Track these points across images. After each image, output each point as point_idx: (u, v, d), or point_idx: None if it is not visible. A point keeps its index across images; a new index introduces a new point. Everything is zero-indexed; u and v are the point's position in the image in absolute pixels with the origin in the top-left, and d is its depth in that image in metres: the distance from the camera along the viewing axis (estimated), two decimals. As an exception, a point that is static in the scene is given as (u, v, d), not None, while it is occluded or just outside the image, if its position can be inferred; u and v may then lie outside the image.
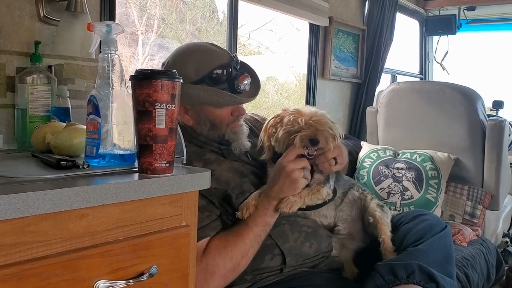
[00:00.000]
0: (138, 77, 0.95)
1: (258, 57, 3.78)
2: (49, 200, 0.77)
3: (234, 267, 1.25)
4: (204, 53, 1.36)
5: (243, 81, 1.35)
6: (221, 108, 1.37)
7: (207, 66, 1.33)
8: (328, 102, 3.22)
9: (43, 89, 1.43)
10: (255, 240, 1.27)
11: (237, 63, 1.37)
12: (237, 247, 1.25)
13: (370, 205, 1.46)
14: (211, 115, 1.38)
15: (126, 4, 2.92)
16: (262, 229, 1.29)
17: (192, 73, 1.32)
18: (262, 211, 1.29)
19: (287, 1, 2.63)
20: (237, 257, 1.25)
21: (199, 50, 1.38)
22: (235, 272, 1.26)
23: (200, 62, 1.34)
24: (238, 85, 1.35)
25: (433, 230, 1.42)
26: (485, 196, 2.37)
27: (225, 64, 1.34)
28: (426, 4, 4.20)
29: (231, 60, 1.36)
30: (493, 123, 2.35)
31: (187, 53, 1.38)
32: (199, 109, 1.37)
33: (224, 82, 1.34)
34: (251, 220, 1.28)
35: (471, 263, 1.91)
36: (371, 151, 2.51)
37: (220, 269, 1.23)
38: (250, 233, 1.27)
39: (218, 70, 1.33)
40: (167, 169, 0.97)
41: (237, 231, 1.27)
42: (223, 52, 1.38)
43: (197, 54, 1.36)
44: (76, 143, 1.11)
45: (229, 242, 1.25)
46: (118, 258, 0.89)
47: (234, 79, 1.34)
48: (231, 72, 1.34)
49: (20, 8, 1.45)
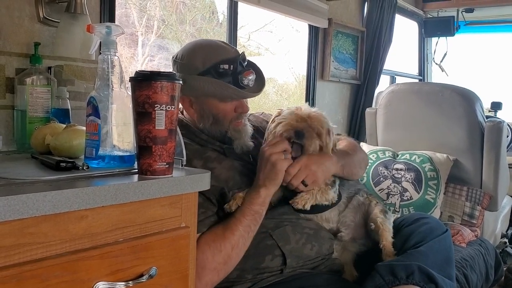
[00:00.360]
0: (138, 79, 0.95)
1: (258, 58, 3.78)
2: (49, 201, 0.77)
3: (225, 260, 1.25)
4: (212, 47, 1.40)
5: (248, 76, 1.37)
6: (225, 103, 1.39)
7: (214, 59, 1.35)
8: (328, 103, 3.22)
9: (42, 90, 1.43)
10: (244, 230, 1.27)
11: (244, 60, 1.39)
12: (226, 239, 1.25)
13: (373, 210, 1.46)
14: (214, 109, 1.39)
15: (126, 5, 2.92)
16: (251, 218, 1.28)
17: (200, 64, 1.35)
18: (248, 201, 1.29)
19: (286, 3, 2.63)
20: (226, 249, 1.24)
21: (209, 44, 1.42)
22: (227, 265, 1.25)
23: (207, 55, 1.36)
24: (242, 80, 1.36)
25: (433, 233, 1.42)
26: (484, 197, 2.37)
27: (231, 59, 1.36)
28: (425, 5, 4.21)
29: (238, 55, 1.38)
30: (492, 125, 2.35)
31: (196, 46, 1.41)
32: (203, 101, 1.39)
33: (229, 76, 1.36)
34: (238, 212, 1.29)
35: (470, 264, 1.91)
36: (371, 152, 2.51)
37: (210, 262, 1.22)
38: (238, 225, 1.27)
39: (224, 64, 1.35)
40: (167, 170, 0.97)
41: (225, 224, 1.28)
42: (231, 49, 1.41)
43: (206, 47, 1.39)
44: (75, 144, 1.11)
45: (218, 235, 1.25)
46: (117, 259, 0.89)
47: (239, 73, 1.36)
48: (236, 67, 1.36)
49: (20, 9, 1.45)
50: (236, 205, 1.30)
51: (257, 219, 1.30)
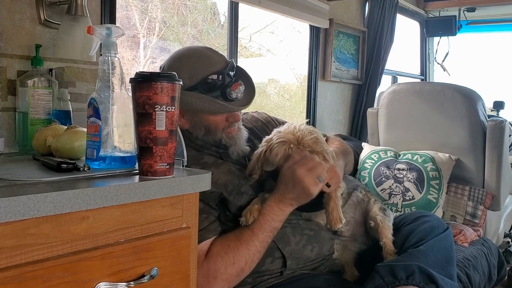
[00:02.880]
0: (138, 80, 0.95)
1: (259, 59, 3.78)
2: (50, 202, 0.78)
3: (238, 272, 1.23)
4: (199, 58, 1.35)
5: (235, 89, 1.33)
6: (215, 115, 1.36)
7: (201, 73, 1.32)
8: (329, 103, 3.22)
9: (44, 92, 1.43)
10: (260, 245, 1.25)
11: (232, 69, 1.35)
12: (240, 253, 1.23)
13: (372, 208, 1.46)
14: (205, 121, 1.37)
15: (127, 7, 2.93)
16: (268, 234, 1.26)
17: (186, 80, 1.29)
18: (270, 217, 1.26)
19: (287, 3, 2.63)
20: (240, 263, 1.23)
21: (195, 55, 1.36)
22: (238, 277, 1.25)
23: (194, 69, 1.32)
24: (231, 93, 1.33)
25: (434, 231, 1.42)
26: (486, 196, 2.37)
27: (218, 71, 1.32)
28: (426, 5, 4.21)
29: (226, 66, 1.34)
30: (494, 124, 2.35)
31: (182, 59, 1.36)
32: (193, 114, 1.36)
33: (217, 89, 1.32)
34: (257, 226, 1.25)
35: (472, 264, 1.91)
36: (372, 152, 2.51)
37: (222, 273, 1.21)
38: (255, 240, 1.24)
39: (212, 77, 1.31)
40: (168, 171, 0.97)
41: (240, 237, 1.25)
42: (219, 58, 1.36)
43: (192, 60, 1.34)
44: (76, 146, 1.11)
45: (231, 247, 1.23)
46: (119, 260, 0.89)
47: (227, 87, 1.32)
48: (224, 80, 1.32)
49: (21, 11, 1.45)
50: (253, 218, 1.26)
51: (274, 233, 1.28)
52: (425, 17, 4.30)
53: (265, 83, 3.74)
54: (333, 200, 1.31)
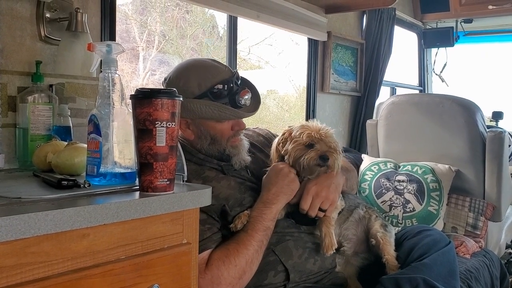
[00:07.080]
0: (138, 96, 0.95)
1: (258, 71, 3.80)
2: (50, 220, 0.77)
3: (240, 274, 1.25)
4: (206, 68, 1.39)
5: (244, 96, 1.38)
6: (222, 123, 1.39)
7: (209, 81, 1.35)
8: (328, 115, 3.23)
9: (44, 108, 1.44)
10: (258, 245, 1.28)
11: (238, 78, 1.40)
12: (240, 254, 1.25)
13: (373, 226, 1.46)
14: (212, 130, 1.39)
15: (127, 21, 2.95)
16: (263, 233, 1.29)
17: (195, 88, 1.35)
18: (260, 217, 1.31)
19: (285, 17, 2.65)
20: (241, 264, 1.24)
21: (201, 65, 1.40)
22: (241, 280, 1.26)
23: (202, 77, 1.36)
24: (239, 100, 1.37)
25: (437, 245, 1.42)
26: (487, 207, 2.36)
27: (226, 79, 1.36)
28: (423, 17, 4.23)
29: (232, 75, 1.38)
30: (493, 135, 2.35)
31: (189, 69, 1.40)
32: (200, 123, 1.39)
33: (225, 96, 1.36)
34: (250, 227, 1.29)
35: (474, 276, 1.90)
36: (372, 163, 2.51)
37: (225, 278, 1.22)
38: (252, 240, 1.27)
39: (219, 85, 1.35)
40: (168, 187, 0.97)
41: (237, 240, 1.28)
42: (224, 68, 1.40)
43: (200, 69, 1.38)
44: (77, 162, 1.11)
45: (230, 250, 1.26)
46: (119, 277, 0.89)
47: (235, 94, 1.36)
48: (232, 87, 1.37)
49: (21, 28, 1.46)
50: (242, 223, 1.30)
51: (268, 234, 1.31)
52: (422, 29, 4.32)
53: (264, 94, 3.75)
54: (326, 224, 1.36)
